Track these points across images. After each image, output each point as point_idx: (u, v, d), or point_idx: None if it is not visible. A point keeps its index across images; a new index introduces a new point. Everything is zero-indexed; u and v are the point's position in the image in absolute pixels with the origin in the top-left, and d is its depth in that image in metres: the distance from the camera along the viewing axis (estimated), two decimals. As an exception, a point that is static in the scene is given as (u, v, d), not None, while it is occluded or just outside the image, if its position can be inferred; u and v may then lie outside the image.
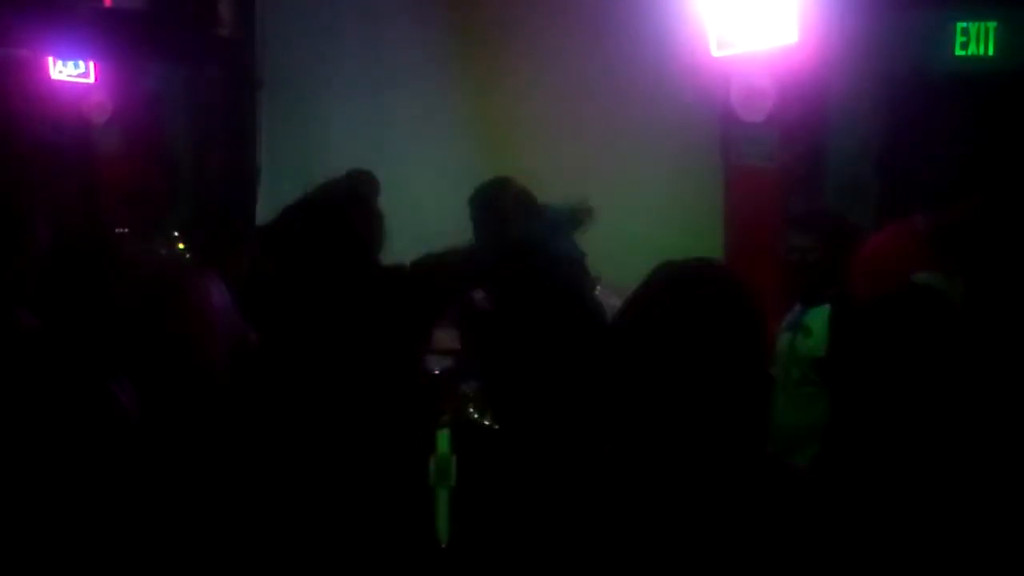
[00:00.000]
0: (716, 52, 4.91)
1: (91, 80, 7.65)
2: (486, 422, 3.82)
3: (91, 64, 7.60)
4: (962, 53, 4.62)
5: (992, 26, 4.56)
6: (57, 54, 7.53)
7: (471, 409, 3.86)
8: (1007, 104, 4.37)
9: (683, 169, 5.52)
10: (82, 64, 7.60)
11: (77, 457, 2.39)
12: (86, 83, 7.66)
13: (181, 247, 5.23)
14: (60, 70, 7.61)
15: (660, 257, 1.79)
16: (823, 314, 3.41)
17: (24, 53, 7.37)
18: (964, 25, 4.60)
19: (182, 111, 7.94)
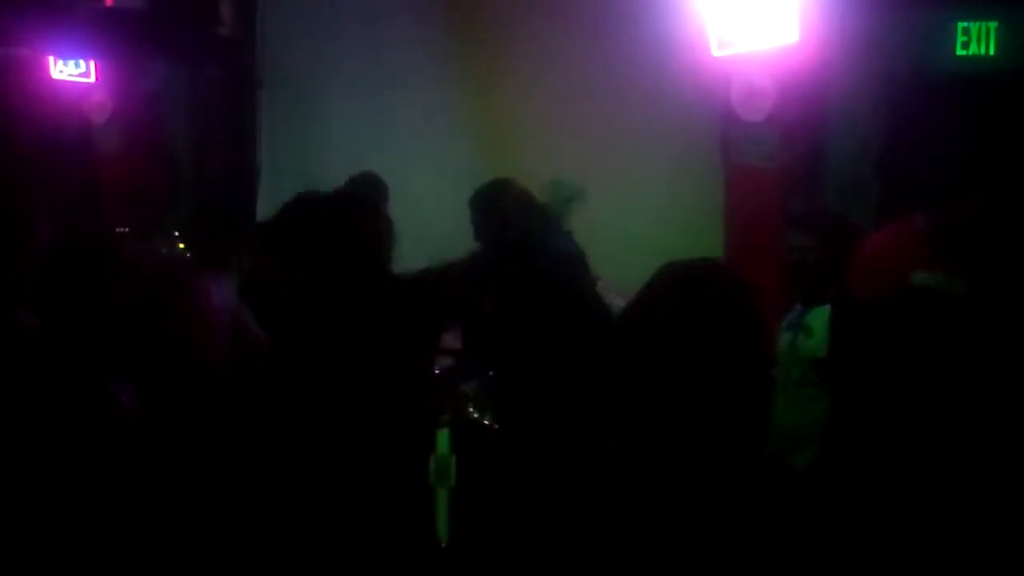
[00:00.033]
0: (716, 52, 4.91)
1: (91, 80, 7.65)
2: (486, 422, 3.83)
3: (92, 63, 7.60)
4: (963, 53, 4.62)
5: (993, 26, 4.56)
6: (58, 53, 7.53)
7: (471, 409, 3.86)
8: (1008, 104, 4.37)
9: (683, 169, 5.53)
10: (83, 63, 7.60)
11: (77, 457, 2.38)
12: (86, 83, 7.66)
13: (181, 247, 5.24)
14: (61, 69, 7.62)
15: (660, 257, 1.79)
16: (823, 314, 3.41)
17: (24, 53, 7.36)
18: (965, 25, 4.60)
19: (182, 111, 7.94)
